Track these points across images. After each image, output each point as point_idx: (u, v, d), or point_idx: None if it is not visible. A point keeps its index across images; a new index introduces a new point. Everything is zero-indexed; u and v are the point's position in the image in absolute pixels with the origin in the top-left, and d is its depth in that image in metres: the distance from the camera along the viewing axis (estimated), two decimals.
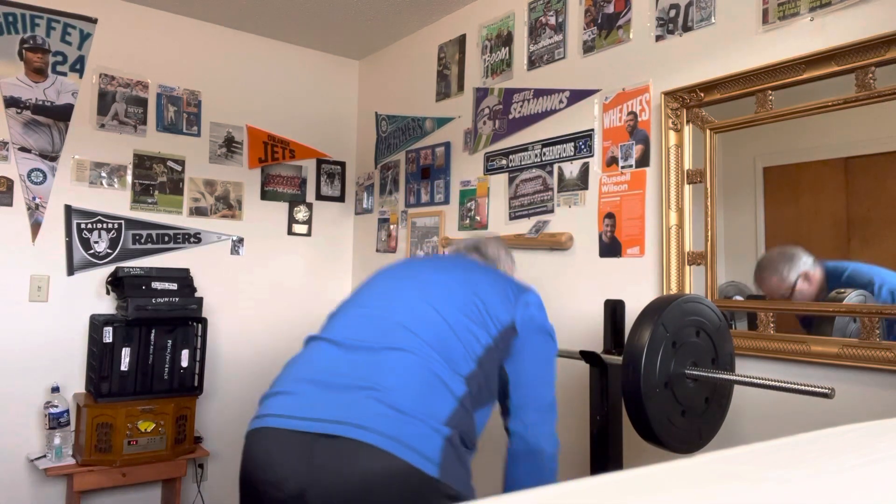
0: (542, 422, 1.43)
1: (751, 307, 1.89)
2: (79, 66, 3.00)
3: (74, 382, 2.92)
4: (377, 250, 3.59)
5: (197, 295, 3.02)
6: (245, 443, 1.27)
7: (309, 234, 3.68)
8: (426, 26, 3.36)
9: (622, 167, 2.27)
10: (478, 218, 2.89)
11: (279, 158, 3.55)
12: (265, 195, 3.53)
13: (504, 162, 2.78)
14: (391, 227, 3.48)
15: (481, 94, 2.94)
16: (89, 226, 3.01)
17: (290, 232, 3.62)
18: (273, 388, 1.32)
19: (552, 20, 2.60)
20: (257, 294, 3.47)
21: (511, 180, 2.73)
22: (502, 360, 1.42)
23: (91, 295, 2.98)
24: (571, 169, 2.47)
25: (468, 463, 1.28)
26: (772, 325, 1.82)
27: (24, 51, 2.88)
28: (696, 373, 1.54)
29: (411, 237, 3.31)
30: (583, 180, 2.42)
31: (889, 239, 1.65)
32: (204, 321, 2.98)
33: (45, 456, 2.74)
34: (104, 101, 3.07)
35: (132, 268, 2.92)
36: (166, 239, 3.21)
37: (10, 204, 2.83)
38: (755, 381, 1.42)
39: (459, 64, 3.09)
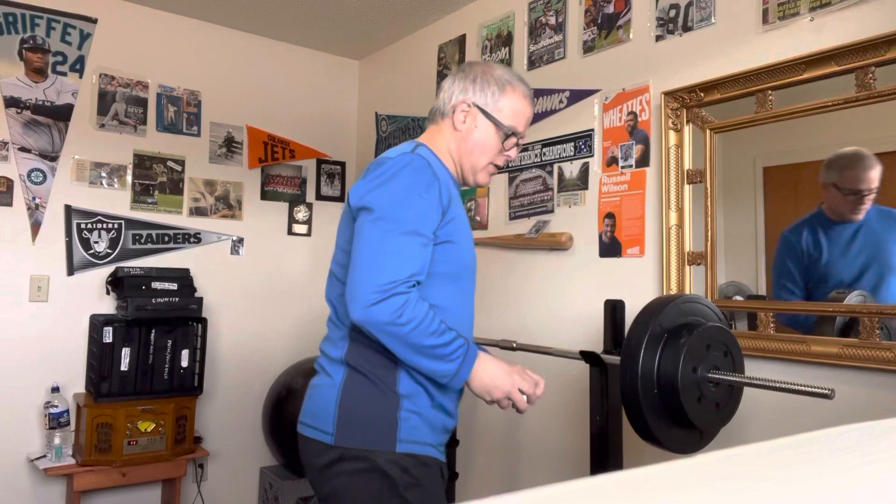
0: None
1: (751, 307, 1.89)
2: (79, 66, 3.00)
3: (74, 382, 2.92)
4: None
5: (197, 295, 3.02)
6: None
7: (309, 234, 3.68)
8: (426, 26, 3.36)
9: (622, 167, 2.27)
10: (478, 218, 2.88)
11: (279, 158, 3.55)
12: (265, 195, 3.53)
13: None
14: None
15: None
16: (89, 226, 3.01)
17: (290, 232, 3.61)
18: None
19: (552, 20, 2.60)
20: (257, 294, 3.47)
21: (511, 180, 2.73)
22: None
23: (91, 295, 2.98)
24: (571, 169, 2.47)
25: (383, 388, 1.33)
26: (772, 325, 1.82)
27: (24, 51, 2.88)
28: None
29: None
30: (583, 180, 2.42)
31: None
32: (204, 321, 2.98)
33: (45, 456, 2.74)
34: (104, 101, 3.07)
35: (132, 268, 2.92)
36: (166, 239, 3.21)
37: (10, 204, 2.83)
38: (755, 381, 1.42)
39: (459, 64, 3.09)
